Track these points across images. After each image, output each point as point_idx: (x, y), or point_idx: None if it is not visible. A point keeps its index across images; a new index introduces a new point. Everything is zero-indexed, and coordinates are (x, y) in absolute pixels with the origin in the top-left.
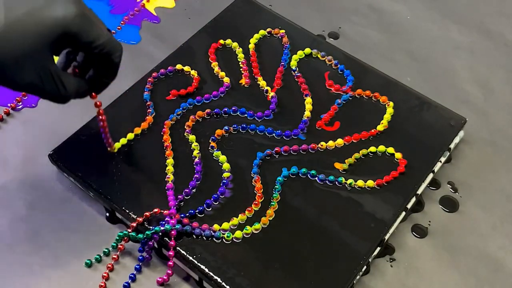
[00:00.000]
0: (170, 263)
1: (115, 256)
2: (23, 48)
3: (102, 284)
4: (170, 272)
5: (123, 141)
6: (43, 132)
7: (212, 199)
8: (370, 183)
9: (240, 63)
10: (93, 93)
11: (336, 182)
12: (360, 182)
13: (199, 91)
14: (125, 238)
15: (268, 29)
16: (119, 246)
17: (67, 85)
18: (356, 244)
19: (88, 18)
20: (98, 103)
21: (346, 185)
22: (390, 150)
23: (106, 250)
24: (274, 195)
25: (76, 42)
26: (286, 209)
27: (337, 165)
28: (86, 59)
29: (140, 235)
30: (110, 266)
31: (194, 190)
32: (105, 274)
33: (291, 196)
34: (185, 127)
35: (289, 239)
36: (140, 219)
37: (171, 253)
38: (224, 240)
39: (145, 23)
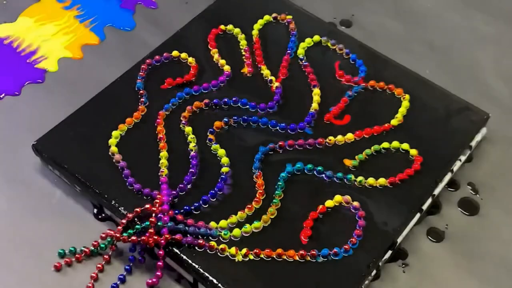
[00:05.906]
0: (160, 263)
1: (107, 257)
2: None
3: (90, 285)
4: (159, 273)
5: (115, 134)
6: (26, 122)
7: (209, 195)
8: (382, 181)
9: (242, 50)
10: None
11: (345, 180)
12: (371, 180)
13: (197, 80)
14: (112, 246)
15: (274, 15)
16: (105, 256)
17: None
18: (366, 246)
19: None
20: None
21: (355, 183)
22: (405, 146)
23: (77, 248)
24: (276, 192)
25: None
26: (289, 208)
27: (346, 162)
28: None
29: (130, 231)
30: (100, 266)
31: (189, 186)
32: (94, 275)
33: (295, 194)
34: (181, 118)
35: (292, 239)
36: (130, 216)
37: (161, 252)
38: (221, 239)
39: (140, 7)
